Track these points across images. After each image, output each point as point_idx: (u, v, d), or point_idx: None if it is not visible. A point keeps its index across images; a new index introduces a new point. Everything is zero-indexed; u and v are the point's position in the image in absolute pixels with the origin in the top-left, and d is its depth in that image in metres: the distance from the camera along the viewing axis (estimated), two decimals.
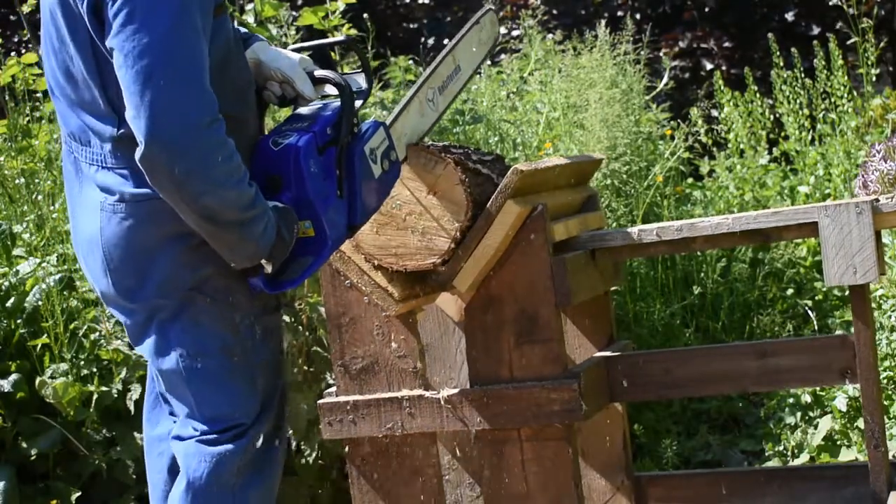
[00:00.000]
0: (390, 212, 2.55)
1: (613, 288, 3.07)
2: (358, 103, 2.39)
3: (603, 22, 5.55)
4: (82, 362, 3.48)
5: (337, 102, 2.34)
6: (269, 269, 2.27)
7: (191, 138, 2.07)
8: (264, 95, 2.44)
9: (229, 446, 2.34)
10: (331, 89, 2.39)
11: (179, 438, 2.40)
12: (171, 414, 2.48)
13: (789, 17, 9.27)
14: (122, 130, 2.21)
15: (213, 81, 2.13)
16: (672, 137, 5.29)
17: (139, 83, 2.06)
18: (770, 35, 6.21)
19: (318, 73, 2.39)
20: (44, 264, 3.58)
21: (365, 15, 5.08)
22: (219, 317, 2.30)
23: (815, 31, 8.81)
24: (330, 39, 2.56)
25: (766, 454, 4.00)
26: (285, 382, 2.50)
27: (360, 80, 2.45)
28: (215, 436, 2.35)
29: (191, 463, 2.36)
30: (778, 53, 5.90)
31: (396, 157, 2.44)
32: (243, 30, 2.53)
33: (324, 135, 2.29)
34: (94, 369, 3.47)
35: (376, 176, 2.37)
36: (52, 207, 3.99)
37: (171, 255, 2.25)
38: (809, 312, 4.74)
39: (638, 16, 8.93)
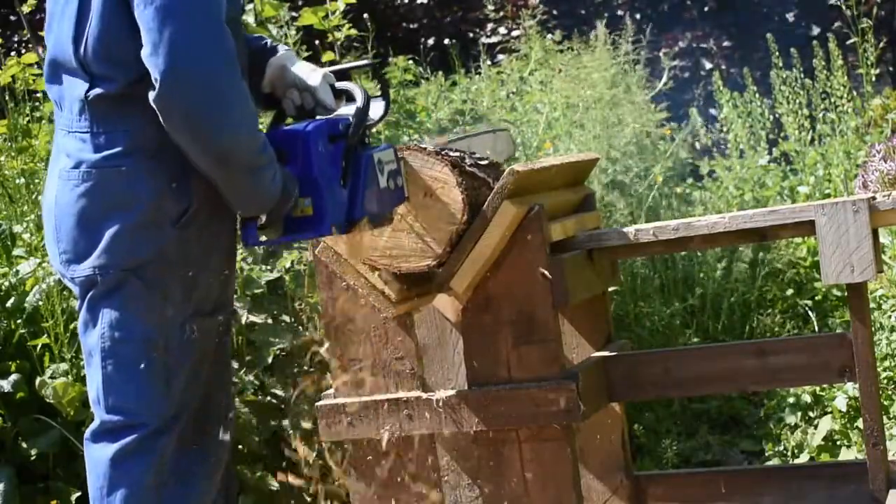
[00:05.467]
0: None
1: (611, 288, 3.07)
2: (376, 111, 2.44)
3: (603, 22, 5.55)
4: (82, 362, 3.48)
5: (352, 110, 2.38)
6: (263, 219, 2.28)
7: (207, 77, 2.08)
8: (283, 104, 2.47)
9: (140, 462, 2.29)
10: (348, 109, 2.42)
11: (88, 440, 2.35)
12: None
13: (789, 17, 9.28)
14: (91, 90, 2.24)
15: None
16: (672, 138, 5.30)
17: (158, 19, 2.07)
18: (769, 35, 6.21)
19: (339, 85, 2.45)
20: (44, 264, 3.58)
21: (365, 15, 5.09)
22: (149, 306, 2.27)
23: (815, 31, 8.81)
24: (355, 63, 2.60)
25: (767, 454, 4.00)
26: (227, 391, 2.47)
27: (379, 106, 2.50)
28: (117, 433, 2.29)
29: (103, 486, 2.31)
30: (777, 54, 5.90)
31: (402, 184, 2.46)
32: (264, 37, 2.59)
33: (335, 128, 2.33)
34: None
35: (381, 186, 2.38)
36: None
37: (113, 228, 2.24)
38: (809, 313, 4.74)
39: (638, 15, 8.93)
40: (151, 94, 2.10)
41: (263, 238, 2.32)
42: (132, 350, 2.28)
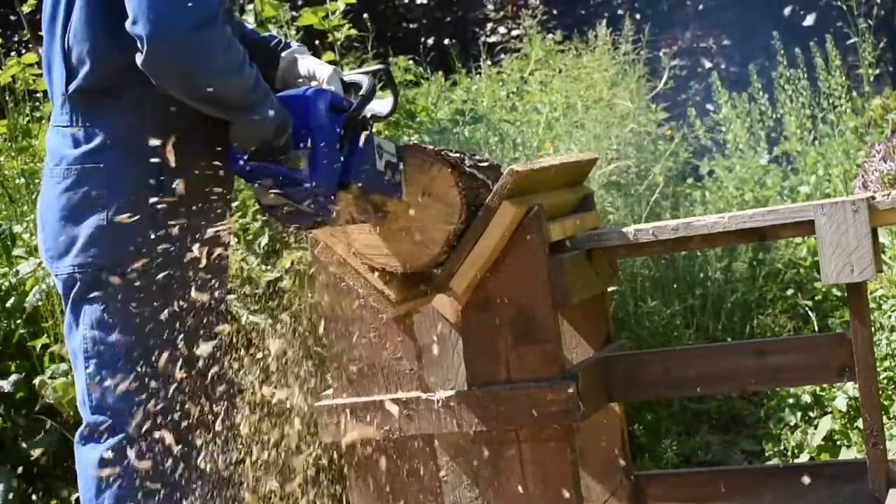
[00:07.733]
0: None
1: (611, 288, 3.06)
2: (385, 107, 2.49)
3: (603, 22, 5.55)
4: None
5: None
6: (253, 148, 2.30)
7: (189, 37, 2.11)
8: None
9: (128, 464, 2.28)
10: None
11: (77, 442, 2.34)
12: None
13: (786, 12, 9.27)
14: (70, 83, 2.27)
15: None
16: (671, 138, 5.30)
17: None
18: (775, 33, 6.21)
19: (347, 77, 2.50)
20: (44, 264, 3.59)
21: (365, 15, 5.09)
22: (129, 305, 2.27)
23: (814, 31, 8.81)
24: (364, 69, 2.62)
25: (767, 454, 4.00)
26: (225, 391, 2.46)
27: (387, 102, 2.54)
28: (103, 434, 2.29)
29: (91, 488, 2.30)
30: (782, 52, 5.90)
31: (400, 181, 2.47)
32: (276, 35, 2.63)
33: (339, 101, 2.36)
34: None
35: (377, 168, 2.39)
36: None
37: (91, 225, 2.25)
38: (809, 313, 4.74)
39: (638, 15, 8.93)
40: (139, 58, 2.12)
41: (249, 164, 2.30)
42: (114, 350, 2.28)
